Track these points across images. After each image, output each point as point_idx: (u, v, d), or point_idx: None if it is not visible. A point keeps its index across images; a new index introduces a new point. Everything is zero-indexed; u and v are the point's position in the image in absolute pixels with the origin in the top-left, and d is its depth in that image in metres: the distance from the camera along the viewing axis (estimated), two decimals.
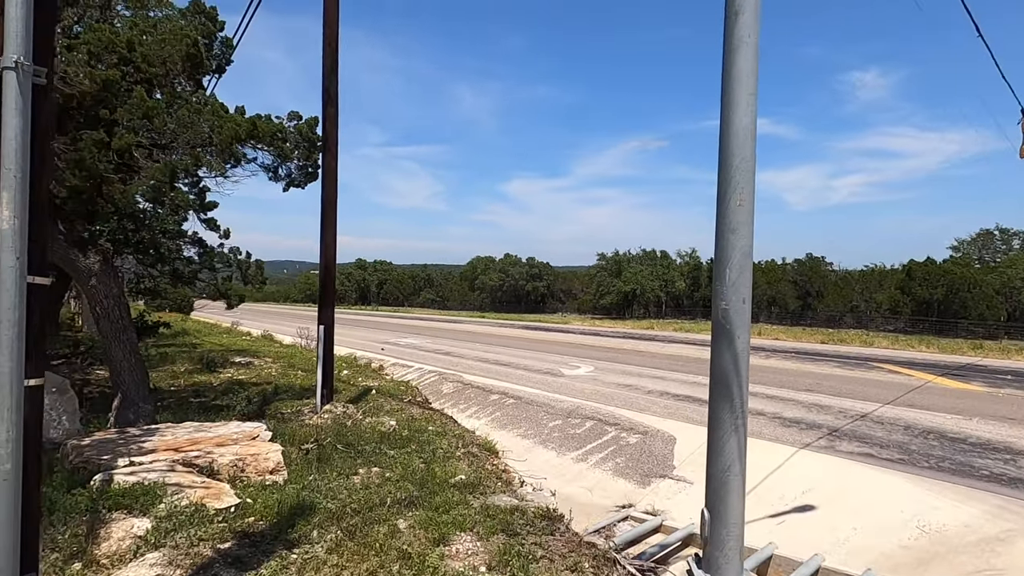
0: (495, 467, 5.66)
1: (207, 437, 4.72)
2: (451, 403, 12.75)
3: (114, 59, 6.14)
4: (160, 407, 7.07)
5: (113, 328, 5.32)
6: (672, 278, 48.78)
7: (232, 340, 20.87)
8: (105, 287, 5.13)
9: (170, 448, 4.37)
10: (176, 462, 4.08)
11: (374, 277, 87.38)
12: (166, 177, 5.60)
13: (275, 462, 4.45)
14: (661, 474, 8.44)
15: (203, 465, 4.19)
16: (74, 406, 5.37)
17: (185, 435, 4.78)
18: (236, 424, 5.42)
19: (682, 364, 17.01)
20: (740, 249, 3.81)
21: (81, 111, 5.87)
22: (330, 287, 7.62)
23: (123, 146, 5.77)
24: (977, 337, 30.60)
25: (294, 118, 7.13)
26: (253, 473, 4.30)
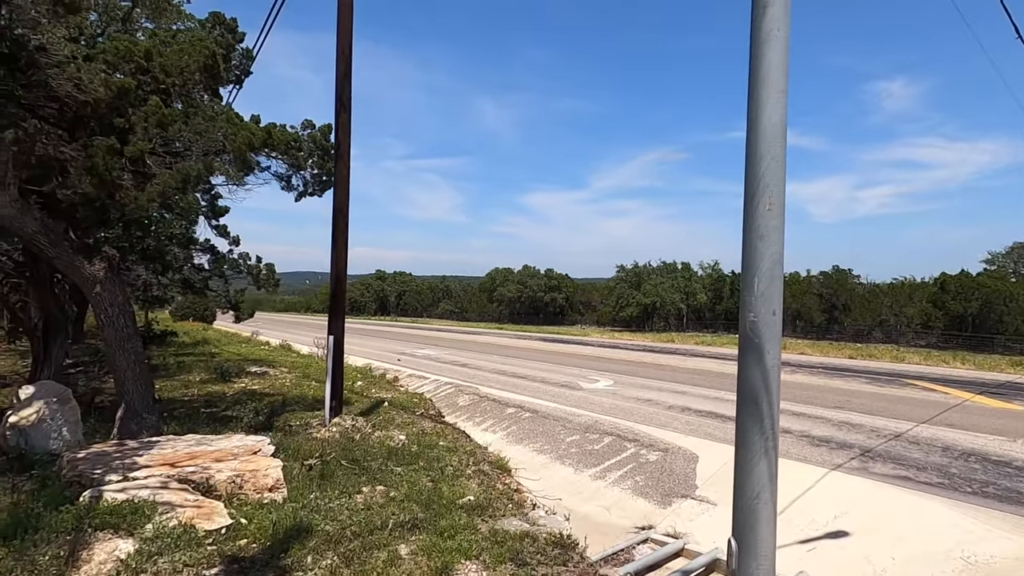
0: (506, 486, 5.40)
1: (207, 451, 4.55)
2: (467, 416, 12.51)
3: (131, 68, 6.13)
4: (168, 418, 6.98)
5: (118, 336, 5.22)
6: (694, 290, 47.94)
7: (250, 350, 20.98)
8: (110, 295, 5.05)
9: (167, 463, 4.21)
10: (171, 478, 3.90)
11: (393, 288, 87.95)
12: (178, 184, 5.54)
13: (274, 479, 4.26)
14: (683, 494, 8.07)
15: (199, 481, 4.01)
16: (76, 416, 5.27)
17: (185, 449, 4.62)
18: (239, 437, 5.25)
19: (704, 379, 16.53)
20: (770, 257, 3.53)
21: (96, 118, 5.86)
22: (340, 297, 7.48)
23: (136, 153, 5.73)
24: (1015, 353, 29.33)
25: (308, 126, 7.05)
26: (251, 490, 4.12)
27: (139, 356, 5.41)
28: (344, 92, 6.88)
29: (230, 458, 4.45)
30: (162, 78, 6.07)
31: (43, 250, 4.67)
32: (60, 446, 5.06)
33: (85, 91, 5.55)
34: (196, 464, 4.22)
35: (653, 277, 49.22)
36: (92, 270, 4.93)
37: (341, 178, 6.95)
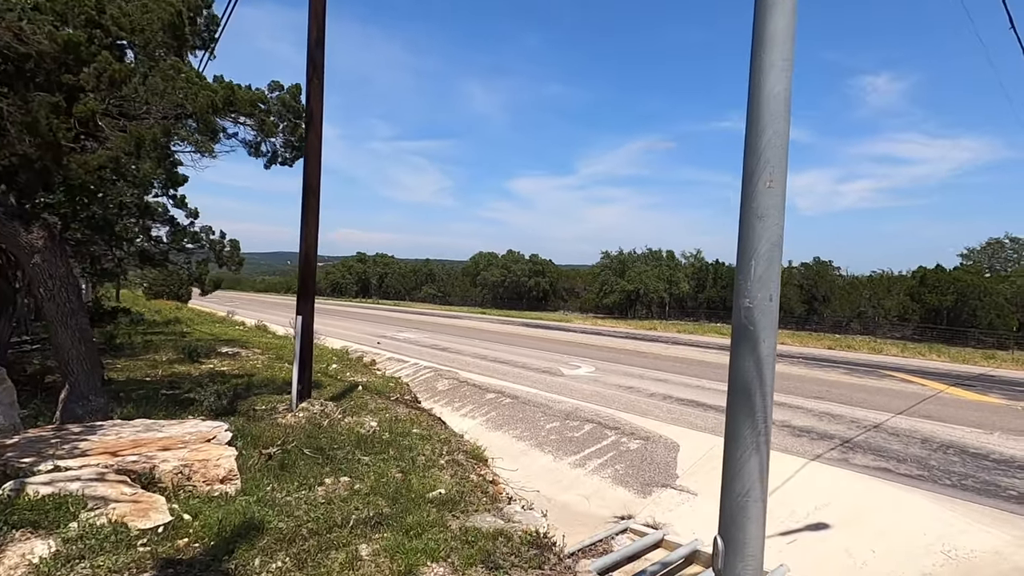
0: (481, 478, 5.13)
1: (154, 439, 4.19)
2: (445, 401, 12.27)
3: (81, 20, 5.62)
4: (125, 400, 6.57)
5: (60, 312, 4.79)
6: (677, 279, 48.02)
7: (224, 330, 20.41)
8: (51, 266, 4.61)
9: (107, 451, 3.85)
10: (110, 468, 3.55)
11: (375, 271, 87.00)
12: (131, 147, 5.09)
13: (227, 469, 3.93)
14: (663, 483, 7.93)
15: (141, 472, 3.66)
16: (11, 398, 4.84)
17: (131, 435, 4.26)
18: (194, 423, 4.89)
19: (686, 367, 16.47)
20: (768, 239, 3.26)
21: (41, 72, 5.35)
22: (310, 277, 7.09)
23: (86, 113, 5.25)
24: (987, 347, 29.95)
25: (276, 88, 6.57)
26: (201, 482, 3.79)
27: (85, 333, 4.99)
28: (316, 54, 6.39)
29: (179, 446, 4.10)
30: (115, 31, 5.57)
31: None
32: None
33: (27, 43, 5.05)
34: (140, 453, 3.86)
35: (637, 264, 49.23)
36: (30, 239, 4.49)
37: (312, 148, 6.48)
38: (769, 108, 3.25)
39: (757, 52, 3.30)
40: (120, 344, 12.09)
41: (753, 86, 3.32)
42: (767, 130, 3.26)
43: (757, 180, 3.26)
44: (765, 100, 3.27)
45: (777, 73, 3.23)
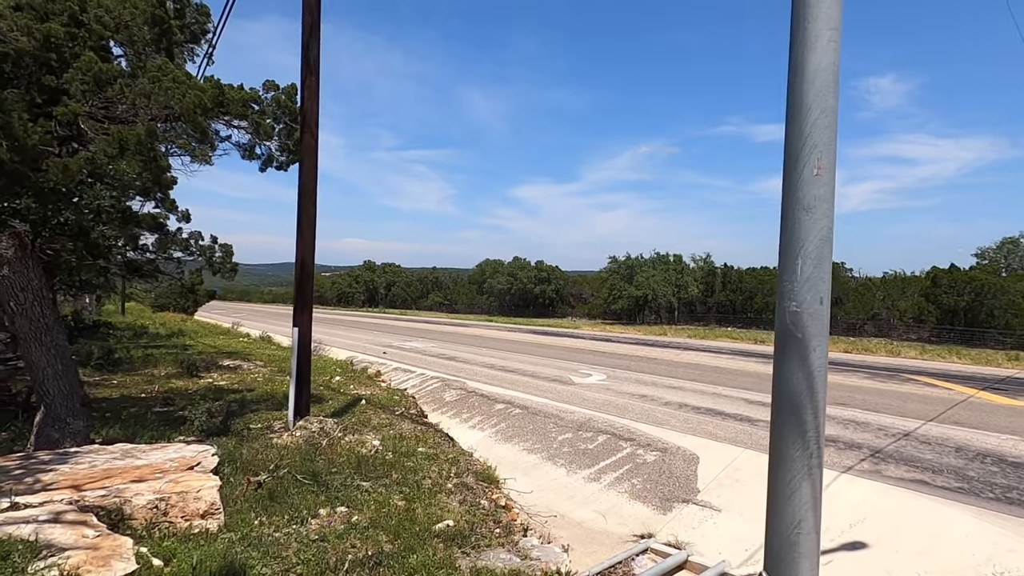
0: (493, 503, 4.72)
1: (129, 467, 3.81)
2: (453, 412, 11.88)
3: (64, 18, 5.32)
4: (113, 420, 6.23)
5: (33, 328, 4.45)
6: (685, 283, 47.49)
7: (227, 342, 20.13)
8: (21, 278, 4.28)
9: (74, 485, 3.47)
10: (74, 505, 3.18)
11: (382, 279, 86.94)
12: (114, 150, 4.78)
13: (208, 503, 3.55)
14: (684, 498, 7.49)
15: (111, 508, 3.27)
16: None
17: (104, 464, 3.89)
18: (177, 447, 4.52)
19: (700, 373, 15.99)
20: (818, 233, 2.86)
21: (22, 73, 5.05)
22: (307, 287, 6.73)
23: (68, 115, 4.94)
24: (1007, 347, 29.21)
25: (271, 88, 6.25)
26: (179, 517, 3.41)
27: (61, 350, 4.65)
28: (311, 50, 6.06)
29: (156, 476, 3.73)
30: (99, 30, 5.27)
31: None
32: None
33: (5, 41, 4.74)
34: (110, 486, 3.49)
35: (645, 269, 48.74)
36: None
37: (308, 149, 6.12)
38: (815, 85, 2.86)
39: (799, 22, 2.92)
40: (119, 359, 11.79)
41: (795, 61, 2.93)
42: (813, 109, 2.86)
43: (803, 167, 2.86)
44: (810, 76, 2.87)
45: (824, 44, 2.84)
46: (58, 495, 3.31)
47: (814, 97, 2.85)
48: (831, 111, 2.86)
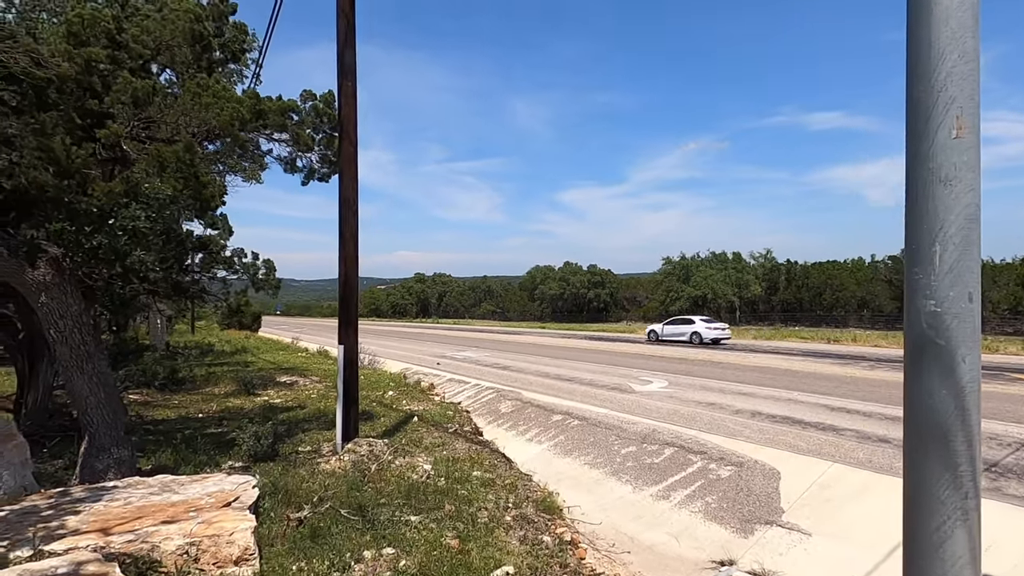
0: (558, 538, 4.24)
1: (165, 505, 3.60)
2: (509, 424, 11.47)
3: (103, 41, 5.30)
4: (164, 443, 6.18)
5: (74, 356, 4.38)
6: (746, 281, 45.32)
7: (286, 357, 20.58)
8: (60, 304, 4.21)
9: (103, 527, 3.26)
10: (98, 553, 2.94)
11: (434, 290, 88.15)
12: (154, 168, 4.69)
13: (242, 547, 3.25)
14: (767, 519, 6.74)
15: (137, 556, 3.02)
16: (22, 456, 4.42)
17: (138, 501, 3.69)
18: (217, 479, 4.30)
19: (771, 377, 14.92)
20: (962, 211, 2.22)
21: (65, 98, 5.05)
22: (351, 302, 6.48)
23: (110, 136, 4.89)
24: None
25: (309, 98, 6.11)
26: (211, 563, 3.13)
27: (104, 378, 4.55)
28: (346, 56, 5.87)
29: (189, 515, 3.48)
30: (139, 50, 5.20)
31: None
32: (0, 495, 4.22)
33: (46, 65, 4.72)
34: (139, 529, 3.25)
35: (702, 269, 46.91)
36: (36, 275, 4.12)
37: (347, 157, 5.92)
38: (949, 23, 2.22)
39: None
40: (182, 378, 12.11)
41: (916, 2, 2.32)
42: (948, 54, 2.23)
43: (936, 128, 2.23)
44: (942, 12, 2.24)
45: None
46: (84, 540, 3.10)
47: (949, 38, 2.22)
48: (972, 55, 2.23)
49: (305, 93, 6.25)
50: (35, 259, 4.12)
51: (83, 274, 4.71)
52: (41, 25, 6.07)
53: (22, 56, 4.49)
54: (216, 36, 6.00)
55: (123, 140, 4.91)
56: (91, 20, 4.86)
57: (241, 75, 9.45)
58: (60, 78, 4.67)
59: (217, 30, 6.10)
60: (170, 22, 5.51)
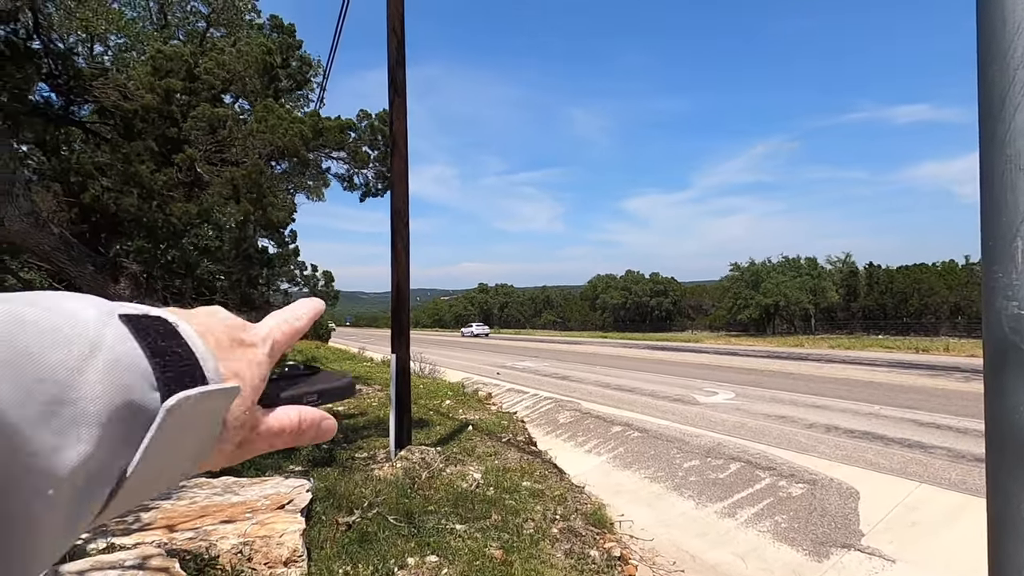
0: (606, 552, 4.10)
1: (226, 504, 3.80)
2: (568, 435, 11.33)
3: (182, 73, 5.75)
4: None
5: None
6: (823, 288, 42.64)
7: (352, 367, 21.38)
8: None
9: (169, 524, 3.49)
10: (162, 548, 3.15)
11: (496, 301, 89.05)
12: (228, 191, 5.03)
13: (291, 549, 3.37)
14: (844, 543, 6.26)
15: (196, 553, 3.21)
16: None
17: (204, 500, 3.93)
18: (275, 482, 4.50)
19: (850, 390, 13.94)
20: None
21: (149, 127, 5.52)
22: (403, 311, 6.64)
23: (185, 160, 5.28)
24: None
25: (364, 117, 6.39)
26: (262, 564, 3.25)
27: None
28: (397, 73, 6.09)
29: (246, 515, 3.66)
30: (211, 81, 5.61)
31: (64, 268, 4.32)
32: None
33: (132, 98, 5.17)
34: (200, 526, 3.46)
35: (773, 275, 44.63)
36: (118, 289, 4.50)
37: (398, 172, 6.12)
38: None
39: None
40: None
41: None
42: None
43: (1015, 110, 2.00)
44: None
45: None
46: (151, 535, 3.34)
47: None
48: None
49: (361, 113, 6.55)
50: (117, 275, 4.53)
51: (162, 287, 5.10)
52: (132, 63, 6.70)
53: (112, 91, 4.95)
54: (283, 67, 6.38)
55: (197, 163, 5.29)
56: (171, 55, 5.29)
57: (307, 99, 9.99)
58: (144, 108, 5.11)
59: (284, 62, 6.49)
60: (243, 55, 5.91)
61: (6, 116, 4.20)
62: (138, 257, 4.74)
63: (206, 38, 8.11)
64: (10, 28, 4.95)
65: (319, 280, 6.98)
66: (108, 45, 7.20)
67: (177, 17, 9.50)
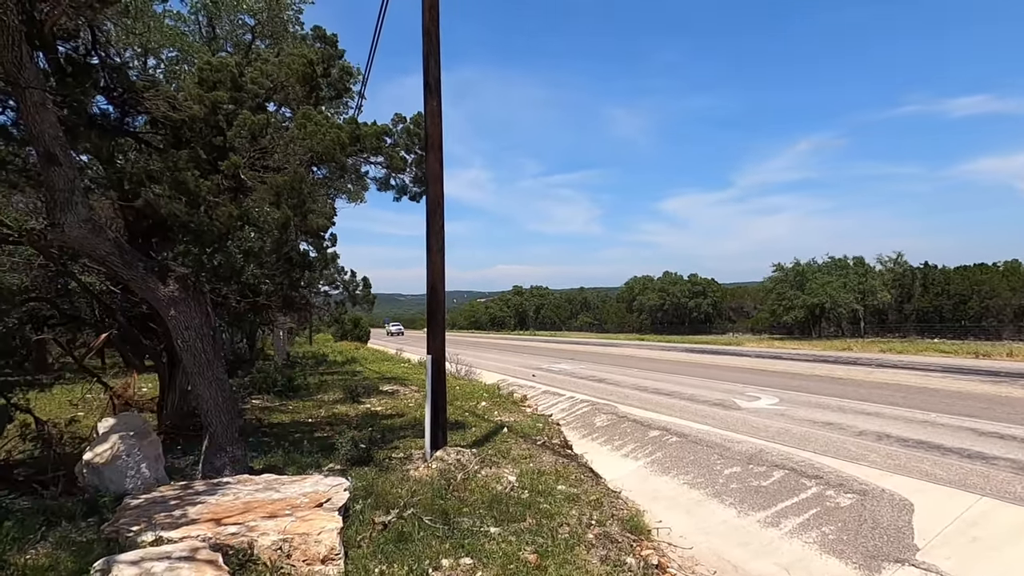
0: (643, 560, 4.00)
1: (267, 501, 3.90)
2: (604, 439, 11.20)
3: (227, 84, 5.97)
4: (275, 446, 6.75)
5: (196, 363, 4.94)
6: (872, 288, 40.78)
7: (390, 367, 21.69)
8: (186, 318, 4.77)
9: (214, 518, 3.61)
10: (207, 542, 3.25)
11: (531, 303, 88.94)
12: (272, 197, 5.20)
13: (328, 547, 3.42)
14: (897, 557, 5.95)
15: (239, 548, 3.31)
16: (156, 451, 5.04)
17: (246, 496, 4.04)
18: (315, 480, 4.58)
19: (903, 396, 13.29)
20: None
21: (196, 136, 5.75)
22: (438, 311, 6.69)
23: (231, 167, 5.49)
24: None
25: (400, 120, 6.50)
26: (300, 560, 3.32)
27: (222, 383, 5.08)
28: (431, 73, 6.17)
29: (286, 513, 3.74)
30: (255, 90, 5.81)
31: (117, 271, 4.56)
32: (138, 485, 4.79)
33: (180, 109, 5.40)
34: (243, 523, 3.56)
35: (819, 275, 42.96)
36: (166, 291, 4.71)
37: (433, 174, 6.19)
38: None
39: None
40: (298, 386, 13.24)
41: None
42: None
43: None
44: None
45: None
46: (197, 530, 3.46)
47: None
48: None
49: (396, 116, 6.68)
50: (166, 277, 4.74)
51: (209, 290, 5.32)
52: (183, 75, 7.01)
53: (161, 102, 5.19)
54: (324, 76, 6.56)
55: (241, 170, 5.49)
56: (218, 66, 5.51)
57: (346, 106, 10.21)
58: (191, 119, 5.33)
59: (326, 71, 6.67)
60: (286, 65, 6.10)
61: (67, 128, 4.46)
62: (184, 260, 4.98)
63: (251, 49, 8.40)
64: (70, 45, 5.26)
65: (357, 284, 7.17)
66: (161, 58, 7.56)
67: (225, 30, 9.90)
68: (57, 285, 6.64)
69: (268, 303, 6.32)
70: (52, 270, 6.31)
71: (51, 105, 4.15)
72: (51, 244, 4.97)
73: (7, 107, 5.09)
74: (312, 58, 6.42)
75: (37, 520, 4.08)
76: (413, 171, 6.73)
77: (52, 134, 4.07)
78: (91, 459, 4.86)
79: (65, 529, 4.03)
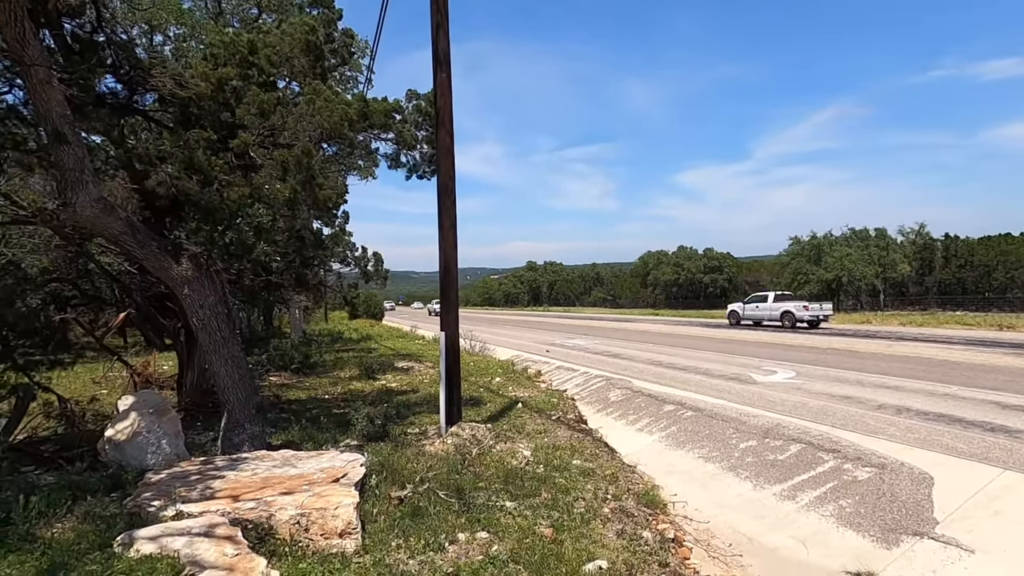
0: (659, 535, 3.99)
1: (285, 477, 3.94)
2: (619, 413, 11.21)
3: (236, 60, 5.87)
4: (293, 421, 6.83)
5: (212, 340, 4.98)
6: (892, 261, 39.92)
7: (405, 344, 21.86)
8: (200, 296, 4.79)
9: (232, 494, 3.66)
10: (226, 517, 3.30)
11: (545, 278, 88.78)
12: (279, 172, 5.15)
13: (345, 521, 3.45)
14: (916, 530, 5.90)
15: (258, 522, 3.35)
16: (176, 428, 5.11)
17: (264, 472, 4.09)
18: (331, 455, 4.63)
19: (924, 369, 13.09)
20: None
21: (205, 114, 5.69)
22: (451, 288, 6.65)
23: (241, 146, 5.43)
24: None
25: (413, 97, 6.38)
26: (318, 534, 3.36)
27: (238, 361, 5.12)
28: (439, 44, 6.01)
29: (303, 488, 3.78)
30: (266, 68, 5.71)
31: (131, 251, 4.56)
32: (159, 460, 4.89)
33: (186, 86, 5.33)
34: (261, 497, 3.61)
35: (837, 248, 42.18)
36: (180, 270, 4.71)
37: (443, 148, 6.08)
38: None
39: None
40: (314, 363, 13.40)
41: None
42: None
43: None
44: None
45: None
46: (216, 505, 3.51)
47: None
48: None
49: (409, 92, 6.55)
50: (179, 256, 4.74)
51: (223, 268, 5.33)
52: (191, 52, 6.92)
53: (168, 80, 5.12)
54: (327, 43, 6.42)
55: (251, 148, 5.43)
56: (230, 43, 5.42)
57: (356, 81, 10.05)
58: (198, 96, 5.26)
59: (327, 37, 6.53)
60: (288, 36, 5.97)
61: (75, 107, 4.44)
62: (196, 238, 4.99)
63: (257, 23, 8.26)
64: (76, 22, 5.19)
65: (370, 260, 7.16)
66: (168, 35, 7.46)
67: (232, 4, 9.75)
68: (77, 266, 6.71)
69: (280, 281, 6.33)
70: (70, 251, 6.36)
71: (58, 83, 4.11)
72: (64, 224, 5.00)
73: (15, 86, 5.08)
74: (312, 24, 6.28)
75: (63, 495, 4.18)
76: (424, 148, 6.62)
77: (60, 112, 4.05)
78: (112, 436, 4.95)
79: (90, 504, 4.12)
